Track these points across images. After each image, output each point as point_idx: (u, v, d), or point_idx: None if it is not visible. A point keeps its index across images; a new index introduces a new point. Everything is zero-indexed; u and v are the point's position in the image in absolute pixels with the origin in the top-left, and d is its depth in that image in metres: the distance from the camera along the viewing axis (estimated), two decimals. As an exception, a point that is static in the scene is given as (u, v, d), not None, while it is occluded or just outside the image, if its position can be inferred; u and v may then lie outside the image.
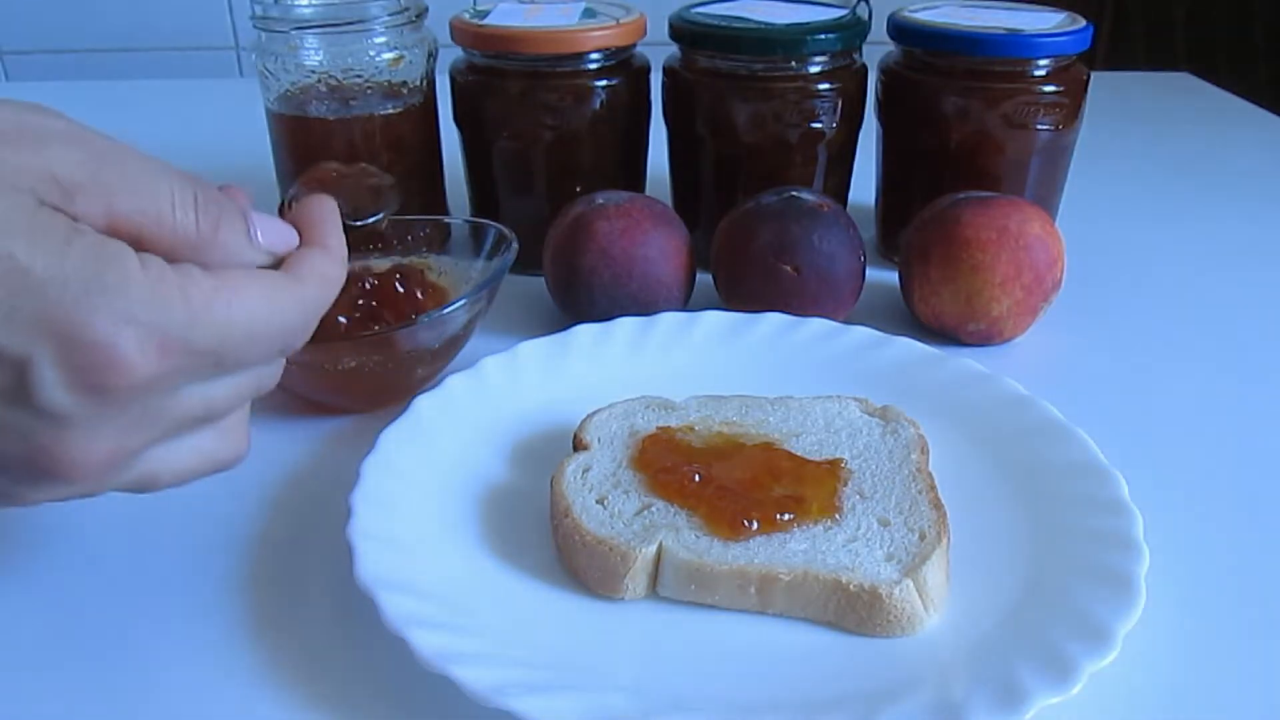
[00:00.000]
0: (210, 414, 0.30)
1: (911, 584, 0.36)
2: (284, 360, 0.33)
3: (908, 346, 0.52)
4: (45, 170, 0.26)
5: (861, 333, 0.53)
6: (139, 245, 0.27)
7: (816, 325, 0.53)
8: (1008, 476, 0.43)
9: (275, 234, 0.32)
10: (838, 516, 0.39)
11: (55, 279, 0.25)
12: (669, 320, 0.53)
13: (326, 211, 0.34)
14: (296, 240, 0.32)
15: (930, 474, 0.42)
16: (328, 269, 0.32)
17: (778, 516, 0.38)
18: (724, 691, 0.33)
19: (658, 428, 0.44)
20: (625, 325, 0.53)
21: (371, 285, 0.50)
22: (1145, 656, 0.35)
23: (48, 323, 0.25)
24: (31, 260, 0.24)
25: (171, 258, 0.28)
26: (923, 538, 0.38)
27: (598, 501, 0.40)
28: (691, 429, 0.44)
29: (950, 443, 0.45)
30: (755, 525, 0.38)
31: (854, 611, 0.36)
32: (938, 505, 0.40)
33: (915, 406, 0.46)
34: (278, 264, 0.32)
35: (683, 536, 0.38)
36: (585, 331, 0.52)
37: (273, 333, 0.30)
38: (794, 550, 0.37)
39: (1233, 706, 0.34)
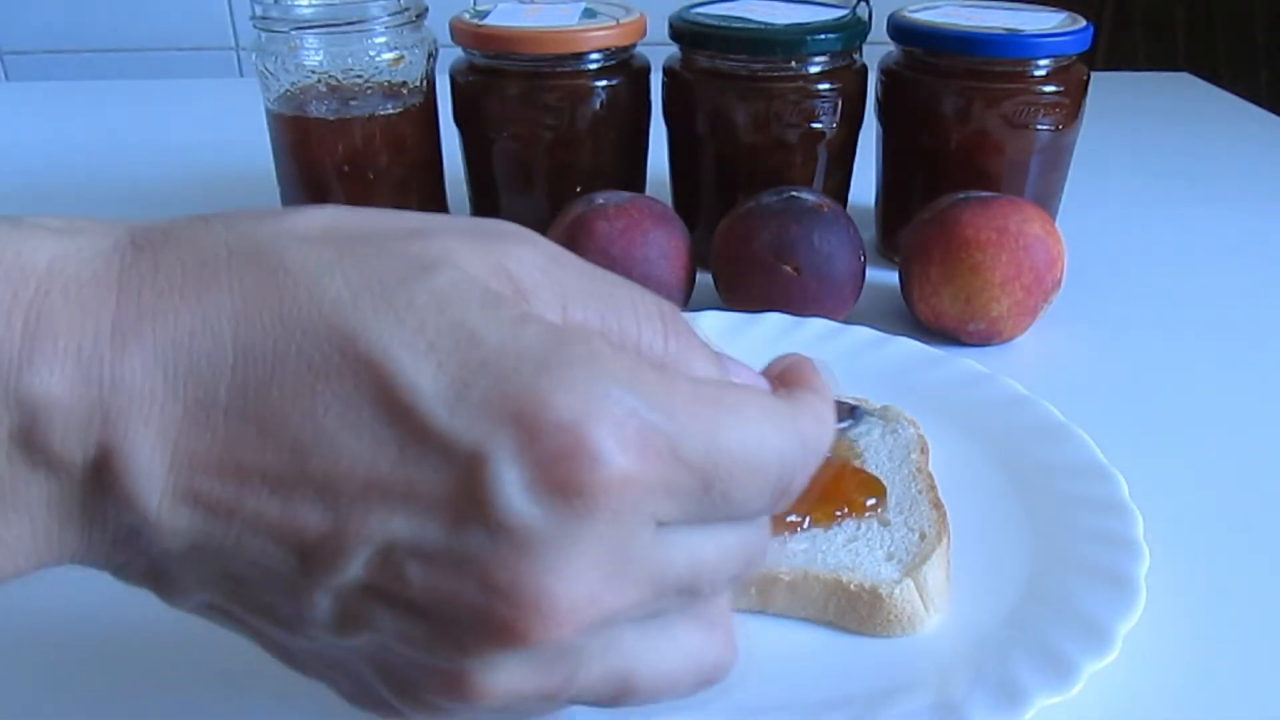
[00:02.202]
0: (695, 583, 0.23)
1: (912, 584, 0.36)
2: (769, 529, 0.25)
3: (908, 346, 0.52)
4: (497, 263, 0.21)
5: (861, 333, 0.53)
6: None
7: (816, 325, 0.53)
8: (1008, 476, 0.43)
9: (748, 377, 0.26)
10: (838, 515, 0.39)
11: (510, 351, 0.19)
12: (669, 320, 0.53)
13: (808, 363, 0.27)
14: (768, 389, 0.26)
15: (930, 474, 0.42)
16: (820, 407, 0.25)
17: (787, 519, 0.38)
18: (724, 691, 0.33)
19: None
20: (625, 325, 0.53)
21: None
22: (1145, 656, 0.35)
23: (505, 402, 0.19)
24: (485, 330, 0.19)
25: None
26: (923, 537, 0.38)
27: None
28: None
29: (950, 443, 0.45)
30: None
31: (854, 611, 0.36)
32: (938, 505, 0.40)
33: (915, 406, 0.46)
34: None
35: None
36: (585, 331, 0.52)
37: (772, 464, 0.22)
38: (794, 550, 0.37)
39: (1233, 707, 0.34)
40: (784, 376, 0.26)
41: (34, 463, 0.19)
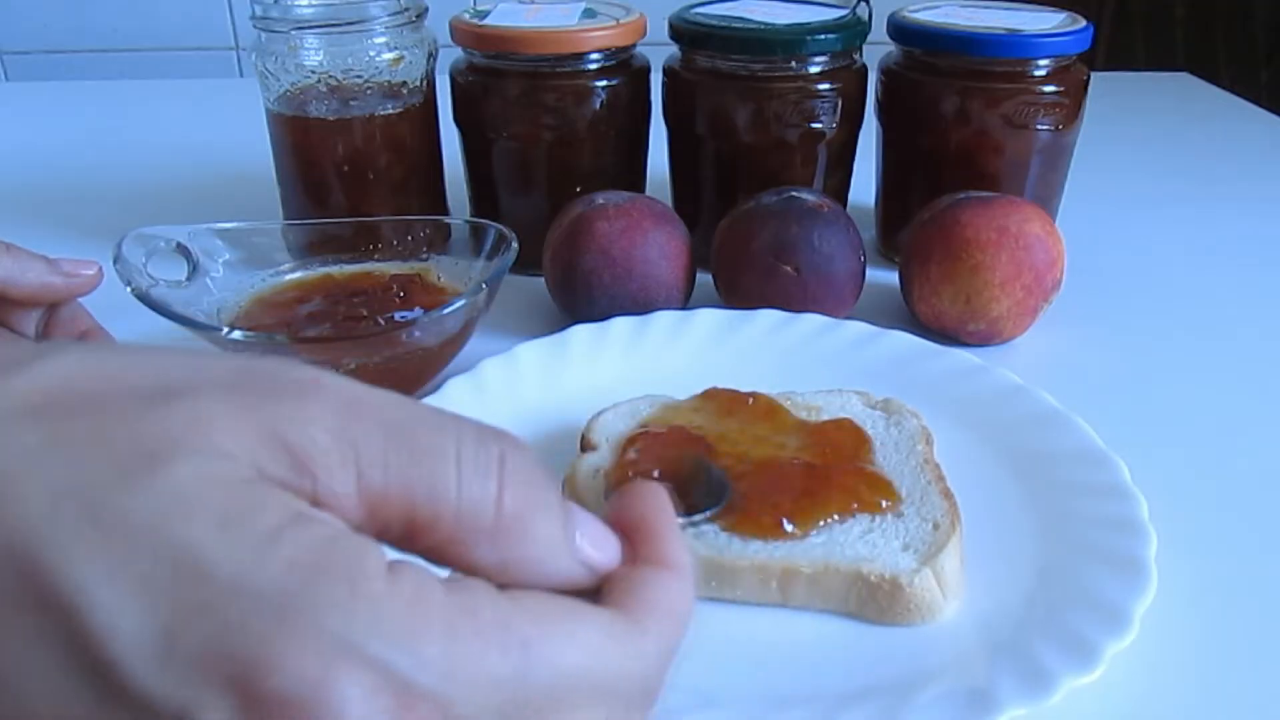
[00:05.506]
0: None
1: (930, 572, 0.36)
2: None
3: (903, 340, 0.52)
4: (270, 431, 0.17)
5: (856, 327, 0.53)
6: (406, 533, 0.19)
7: (811, 320, 0.53)
8: (1010, 465, 0.44)
9: (599, 541, 0.21)
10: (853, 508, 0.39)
11: (245, 590, 0.16)
12: (665, 318, 0.53)
13: (661, 507, 0.23)
14: (619, 555, 0.22)
15: (937, 464, 0.42)
16: (676, 601, 0.21)
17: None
18: (750, 686, 0.34)
19: (669, 428, 0.43)
20: (622, 325, 0.53)
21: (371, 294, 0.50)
22: (1159, 637, 0.35)
23: (222, 660, 0.15)
24: (217, 556, 0.16)
25: (448, 550, 0.19)
26: (936, 527, 0.38)
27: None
28: (702, 428, 0.43)
29: (952, 433, 0.45)
30: (793, 527, 0.38)
31: (875, 601, 0.36)
32: (948, 495, 0.40)
33: (914, 398, 0.47)
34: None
35: (702, 533, 0.38)
36: (583, 332, 0.52)
37: (604, 694, 0.19)
38: (813, 543, 0.38)
39: (1242, 691, 0.35)
40: (637, 532, 0.22)
41: None
